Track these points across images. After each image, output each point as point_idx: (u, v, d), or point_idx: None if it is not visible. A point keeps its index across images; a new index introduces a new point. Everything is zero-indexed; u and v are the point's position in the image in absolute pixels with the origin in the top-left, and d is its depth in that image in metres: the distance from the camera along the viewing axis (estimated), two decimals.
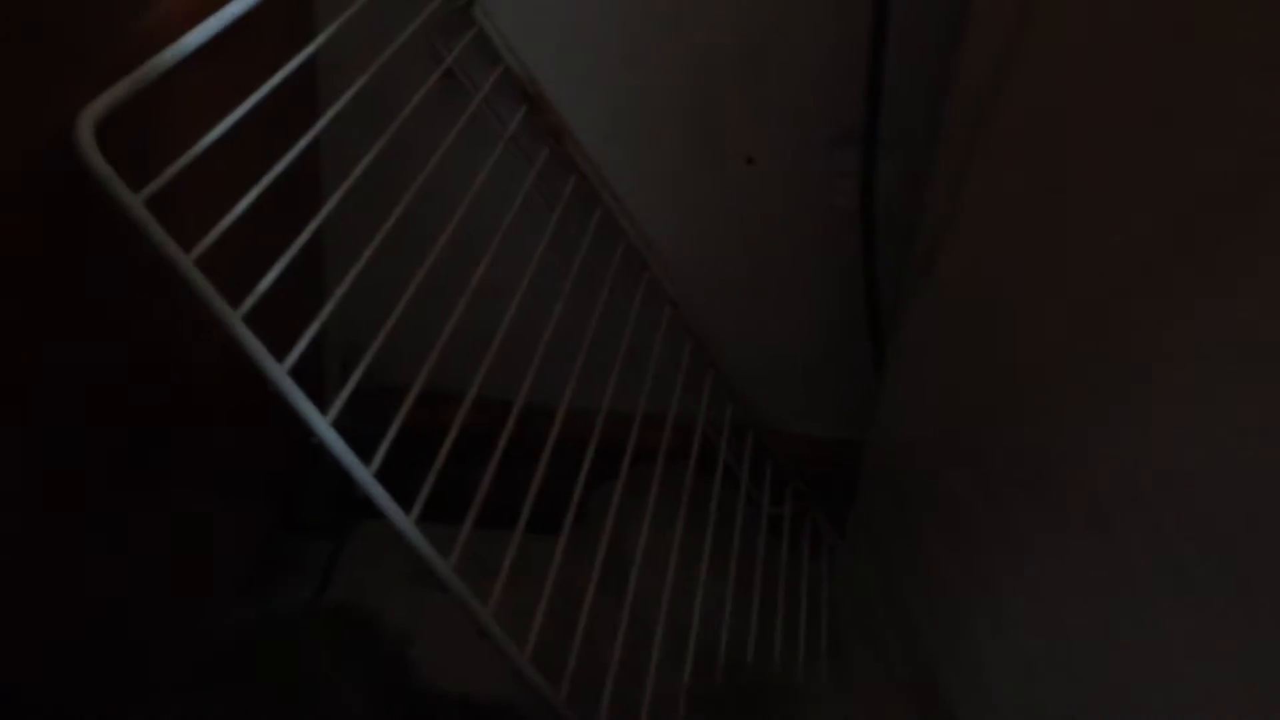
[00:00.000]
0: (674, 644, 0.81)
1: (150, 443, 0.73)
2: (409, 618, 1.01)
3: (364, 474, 0.63)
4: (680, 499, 0.91)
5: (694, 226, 1.02)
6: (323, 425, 0.62)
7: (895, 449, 0.96)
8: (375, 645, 0.60)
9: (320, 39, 0.74)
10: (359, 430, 0.64)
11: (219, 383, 0.79)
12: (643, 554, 0.86)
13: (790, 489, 1.07)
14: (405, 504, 0.65)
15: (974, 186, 0.82)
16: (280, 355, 0.61)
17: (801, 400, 1.10)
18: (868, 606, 0.97)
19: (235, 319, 0.60)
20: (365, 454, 0.64)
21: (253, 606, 0.95)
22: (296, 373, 0.62)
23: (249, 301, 0.61)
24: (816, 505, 1.09)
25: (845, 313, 1.03)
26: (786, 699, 0.56)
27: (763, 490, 1.04)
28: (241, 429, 0.85)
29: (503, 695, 0.82)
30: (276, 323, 0.61)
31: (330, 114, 0.72)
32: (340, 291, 0.68)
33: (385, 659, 0.59)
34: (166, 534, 0.77)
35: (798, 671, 0.91)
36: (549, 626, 0.70)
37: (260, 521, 0.99)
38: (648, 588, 0.93)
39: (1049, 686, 0.65)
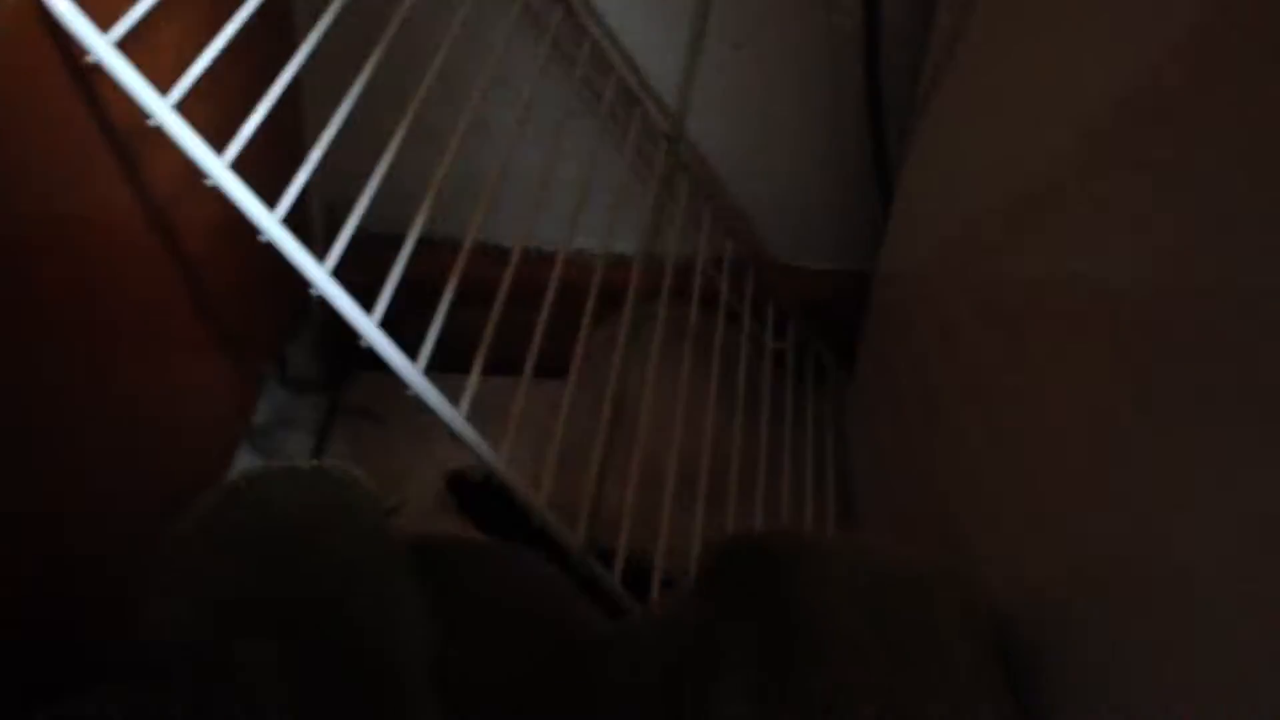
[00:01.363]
0: (685, 485, 0.81)
1: (152, 315, 0.71)
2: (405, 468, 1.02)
3: (366, 323, 0.61)
4: (683, 338, 0.90)
5: (689, 56, 0.98)
6: (321, 275, 0.60)
7: (902, 279, 0.95)
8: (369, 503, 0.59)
9: None
10: (351, 282, 0.62)
11: (209, 247, 0.77)
12: (649, 393, 0.86)
13: (792, 324, 1.06)
14: (408, 355, 0.63)
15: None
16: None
17: (804, 234, 1.08)
18: (875, 437, 0.97)
19: (221, 166, 0.57)
20: (361, 306, 0.62)
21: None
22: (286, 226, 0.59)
23: (233, 148, 0.58)
24: (820, 339, 1.08)
25: (849, 141, 1.00)
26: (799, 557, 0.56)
27: (765, 326, 1.03)
28: (233, 292, 0.83)
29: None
30: (259, 180, 0.59)
31: None
32: (328, 135, 0.65)
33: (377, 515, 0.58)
34: (171, 400, 0.75)
35: (806, 514, 0.91)
36: (560, 472, 0.69)
37: (258, 382, 0.98)
38: (655, 428, 0.93)
39: (1046, 496, 0.65)
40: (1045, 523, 0.65)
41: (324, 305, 0.61)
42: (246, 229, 0.58)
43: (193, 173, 0.71)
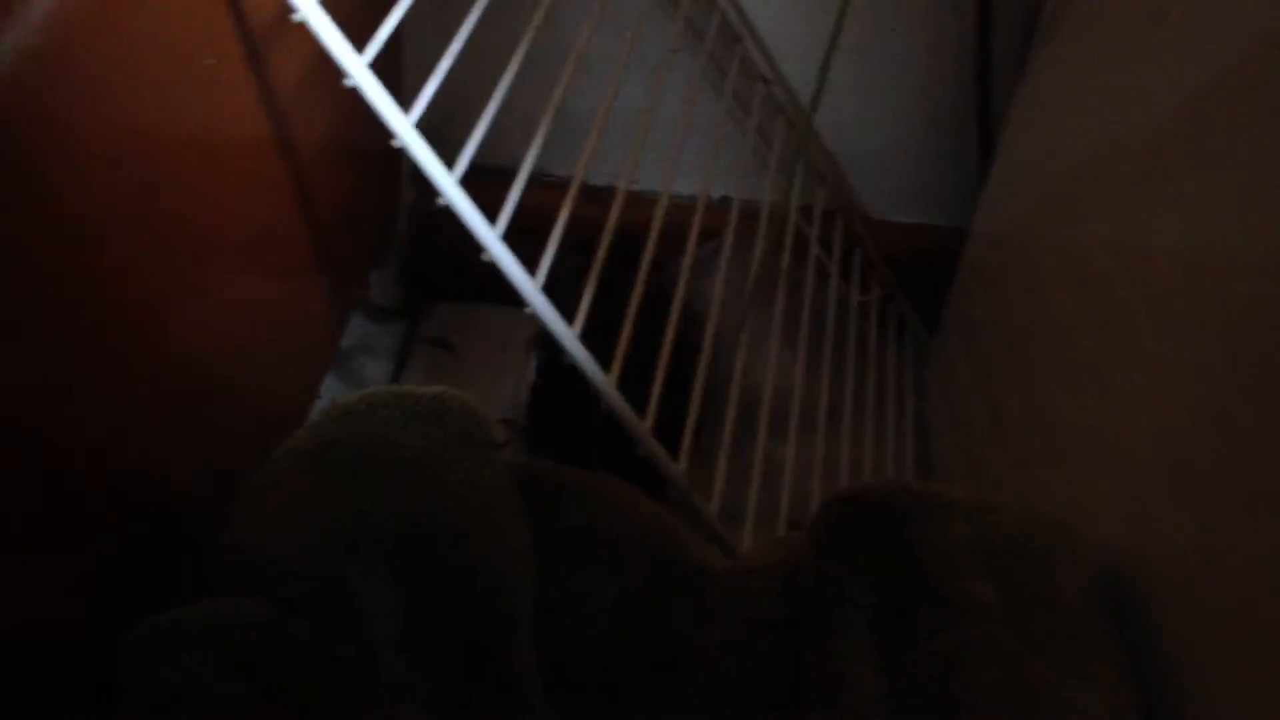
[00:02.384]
0: (775, 424, 0.81)
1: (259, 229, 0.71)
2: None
3: (490, 235, 0.61)
4: (775, 283, 0.89)
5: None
6: (450, 184, 0.60)
7: (996, 238, 0.94)
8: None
9: None
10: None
11: (314, 168, 0.77)
12: (743, 336, 0.86)
13: (878, 276, 1.05)
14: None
15: None
16: None
17: (896, 187, 1.07)
18: (956, 393, 0.97)
19: (361, 65, 0.57)
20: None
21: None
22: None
23: (372, 48, 0.58)
24: (904, 293, 1.07)
25: (949, 97, 0.99)
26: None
27: (852, 277, 1.02)
28: (331, 215, 0.83)
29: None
30: (360, 105, 0.58)
31: None
32: (455, 49, 0.64)
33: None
34: (271, 318, 0.76)
35: (887, 460, 0.91)
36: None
37: (342, 309, 0.98)
38: (748, 368, 0.93)
39: (1131, 461, 0.64)
40: (1129, 486, 0.64)
41: (413, 231, 0.61)
42: (358, 147, 0.58)
43: (310, 83, 0.72)
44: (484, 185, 0.63)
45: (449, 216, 0.61)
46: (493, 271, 0.62)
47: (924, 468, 0.94)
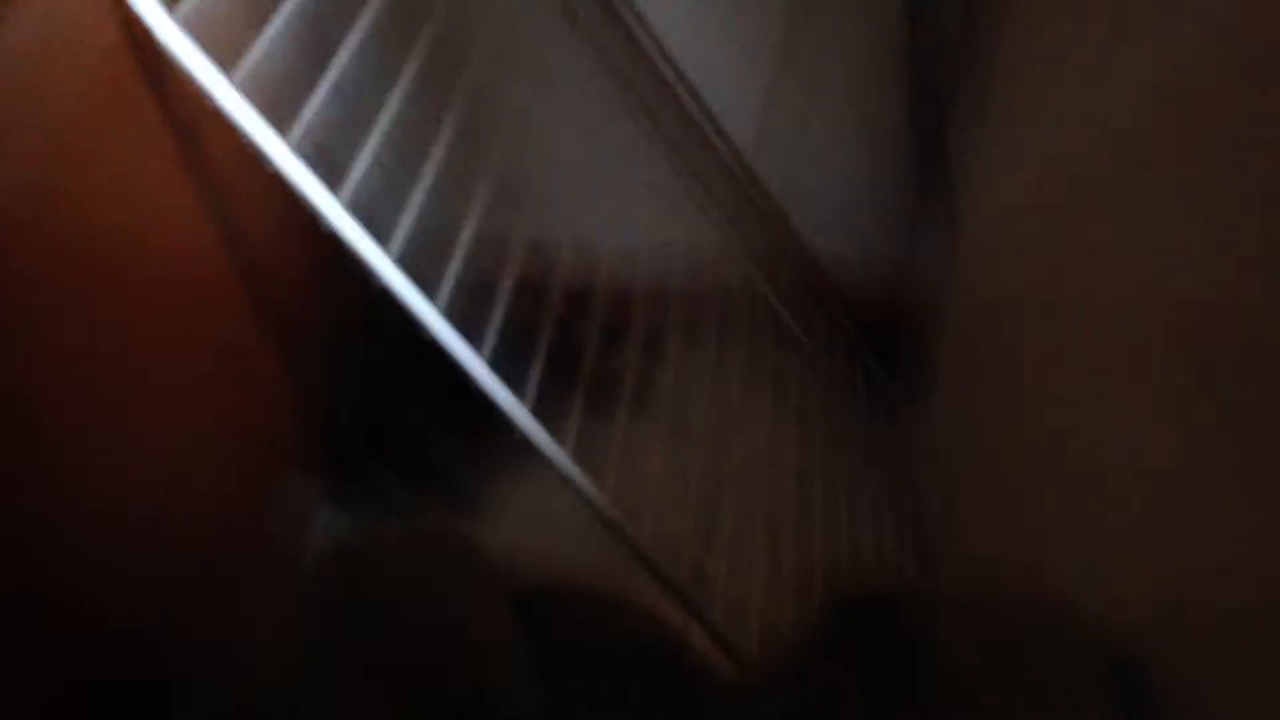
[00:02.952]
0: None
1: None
2: None
3: (475, 361, 0.59)
4: (732, 340, 0.87)
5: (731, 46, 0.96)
6: (433, 317, 0.58)
7: (969, 300, 0.92)
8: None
9: None
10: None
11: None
12: (701, 397, 0.84)
13: (838, 319, 1.04)
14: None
15: None
16: None
17: (841, 222, 1.06)
18: (944, 451, 0.95)
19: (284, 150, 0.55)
20: None
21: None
22: None
23: (297, 131, 0.56)
24: (862, 332, 1.06)
25: (890, 128, 0.98)
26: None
27: (808, 324, 1.01)
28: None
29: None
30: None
31: None
32: (384, 123, 0.62)
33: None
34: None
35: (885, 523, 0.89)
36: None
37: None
38: (711, 434, 0.91)
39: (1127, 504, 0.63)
40: (1111, 538, 0.63)
41: None
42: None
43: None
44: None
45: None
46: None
47: (920, 525, 0.93)
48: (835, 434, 0.92)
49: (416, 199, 0.62)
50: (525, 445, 0.63)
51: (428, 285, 0.59)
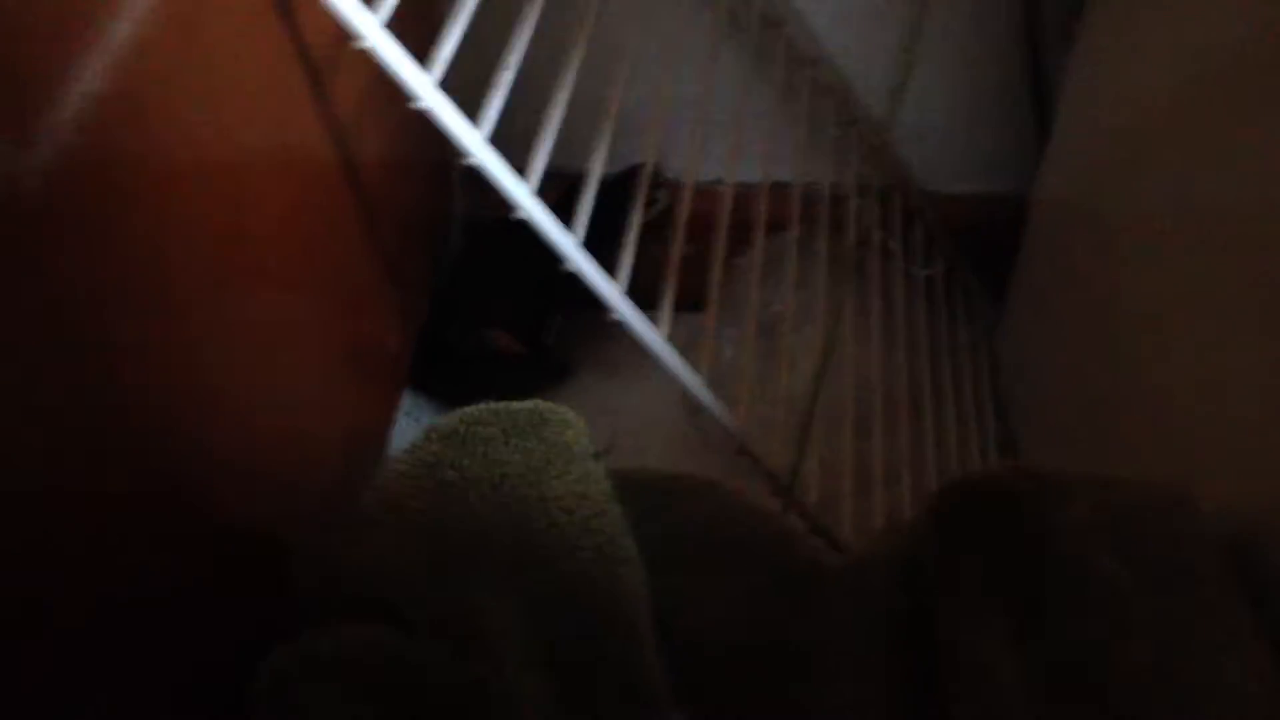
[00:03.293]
0: (860, 418, 0.80)
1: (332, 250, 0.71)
2: None
3: (570, 245, 0.60)
4: (829, 266, 0.88)
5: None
6: (525, 195, 0.59)
7: (1061, 200, 0.92)
8: None
9: None
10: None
11: (380, 184, 0.76)
12: (797, 321, 0.84)
13: (939, 250, 1.04)
14: None
15: None
16: None
17: (950, 157, 1.05)
18: (1032, 363, 0.95)
19: (430, 85, 0.56)
20: None
21: None
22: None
23: (437, 70, 0.57)
24: (968, 265, 1.06)
25: (1000, 58, 0.97)
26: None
27: (914, 252, 1.01)
28: (397, 231, 0.83)
29: None
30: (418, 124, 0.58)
31: None
32: (514, 57, 0.64)
33: None
34: (341, 346, 0.75)
35: (970, 440, 0.89)
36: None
37: (412, 324, 0.98)
38: (804, 354, 0.92)
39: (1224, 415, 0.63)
40: (1224, 442, 0.63)
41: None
42: (414, 160, 0.57)
43: (372, 104, 0.71)
44: (543, 187, 0.62)
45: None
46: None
47: (1009, 449, 0.93)
48: (929, 349, 0.92)
49: (548, 135, 0.63)
50: (618, 330, 0.63)
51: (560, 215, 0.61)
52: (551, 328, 1.01)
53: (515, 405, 0.57)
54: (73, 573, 0.43)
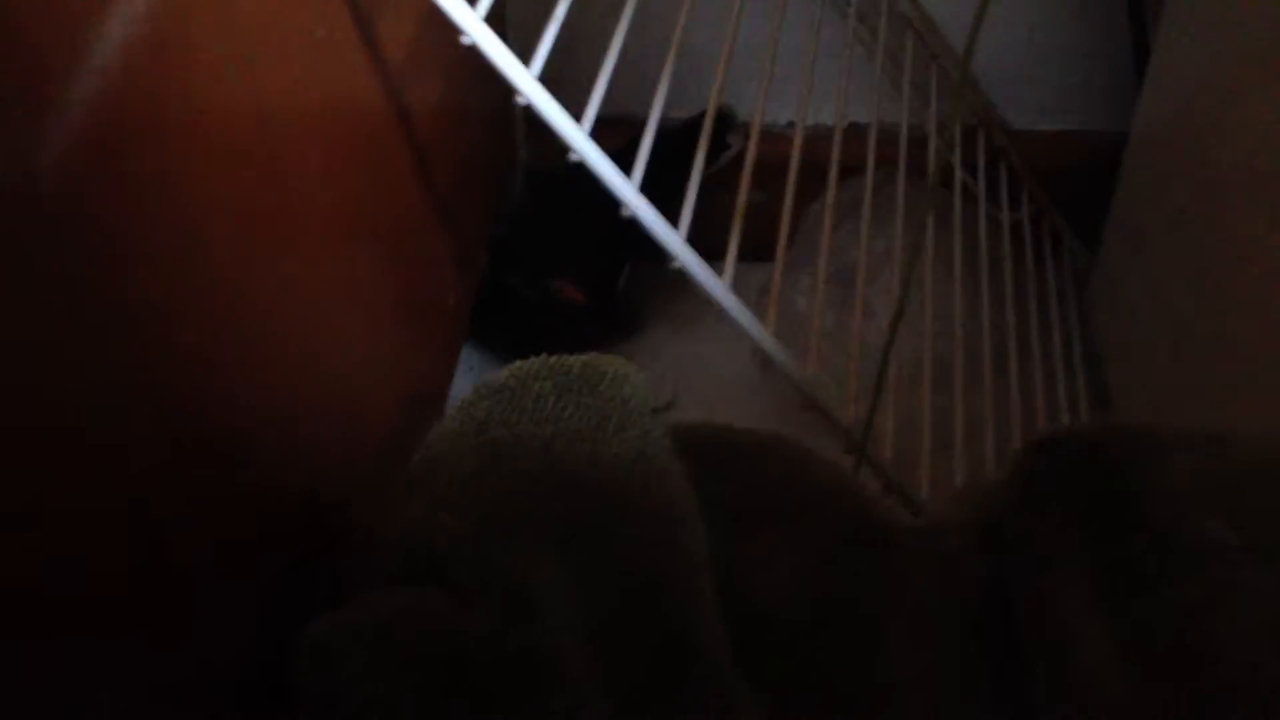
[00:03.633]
0: (939, 368, 0.75)
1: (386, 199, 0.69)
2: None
3: (629, 189, 0.57)
4: (907, 211, 0.83)
5: None
6: (579, 136, 0.56)
7: (1160, 140, 0.86)
8: None
9: None
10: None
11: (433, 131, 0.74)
12: (874, 269, 0.80)
13: (1027, 192, 0.98)
14: None
15: None
16: None
17: (1042, 92, 0.99)
18: (1126, 309, 0.90)
19: (476, 19, 0.53)
20: None
21: None
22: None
23: (485, 3, 0.54)
24: (1057, 208, 1.00)
25: None
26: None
27: (999, 195, 0.95)
28: (454, 180, 0.80)
29: None
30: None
31: None
32: (562, 8, 0.60)
33: None
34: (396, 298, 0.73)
35: (1059, 392, 0.85)
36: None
37: (470, 275, 0.96)
38: (881, 304, 0.87)
39: None
40: None
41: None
42: (471, 108, 0.54)
43: (420, 46, 0.69)
44: (604, 134, 0.59)
45: None
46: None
47: (1100, 402, 0.88)
48: (1015, 296, 0.87)
49: (604, 74, 0.60)
50: (681, 279, 0.60)
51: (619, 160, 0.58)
52: (619, 279, 0.98)
53: (569, 359, 0.54)
54: (117, 537, 0.41)
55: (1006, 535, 0.49)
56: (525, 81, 0.54)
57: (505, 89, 0.55)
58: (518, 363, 0.53)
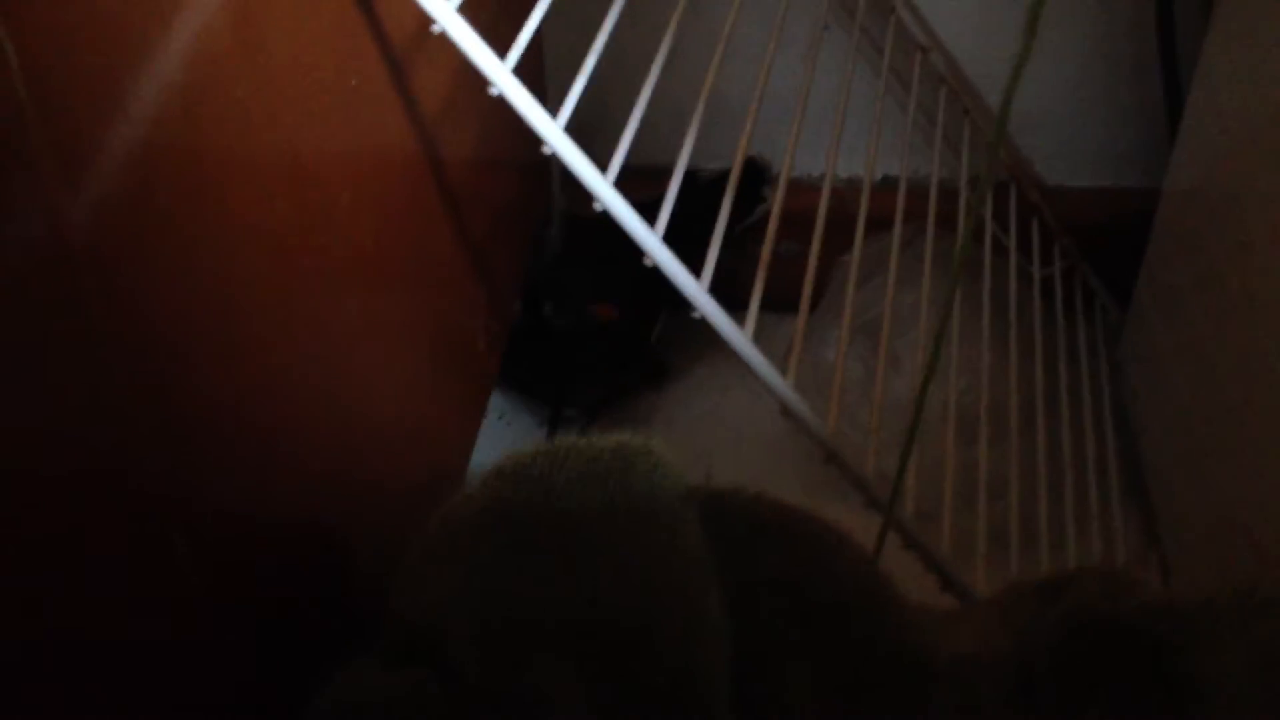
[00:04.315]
0: (962, 425, 0.75)
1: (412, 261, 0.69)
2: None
3: (651, 238, 0.57)
4: (936, 265, 0.83)
5: None
6: (604, 186, 0.57)
7: (1194, 195, 0.85)
8: None
9: None
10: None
11: (464, 180, 0.75)
12: (902, 323, 0.80)
13: (1058, 247, 0.98)
14: None
15: None
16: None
17: (1071, 149, 0.99)
18: (1158, 368, 0.89)
19: (505, 71, 0.54)
20: None
21: None
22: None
23: (514, 53, 0.55)
24: (1088, 263, 0.99)
25: (1125, 44, 0.91)
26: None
27: (1030, 250, 0.95)
28: (485, 228, 0.81)
29: None
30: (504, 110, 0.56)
31: None
32: (598, 47, 0.61)
33: None
34: (425, 347, 0.74)
35: (1088, 453, 0.83)
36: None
37: (501, 324, 0.96)
38: (909, 358, 0.87)
39: None
40: None
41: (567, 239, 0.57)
42: (506, 158, 0.55)
43: (455, 97, 0.70)
44: (638, 185, 0.59)
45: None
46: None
47: (1129, 462, 0.87)
48: (1044, 354, 0.86)
49: (632, 125, 0.60)
50: (704, 328, 0.60)
51: (644, 210, 0.58)
52: (655, 325, 0.99)
53: (600, 443, 0.52)
54: (141, 575, 0.42)
55: (1046, 696, 0.47)
56: (551, 131, 0.55)
57: (538, 139, 0.56)
58: (544, 445, 0.52)
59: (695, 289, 0.58)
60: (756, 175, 0.98)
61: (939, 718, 0.49)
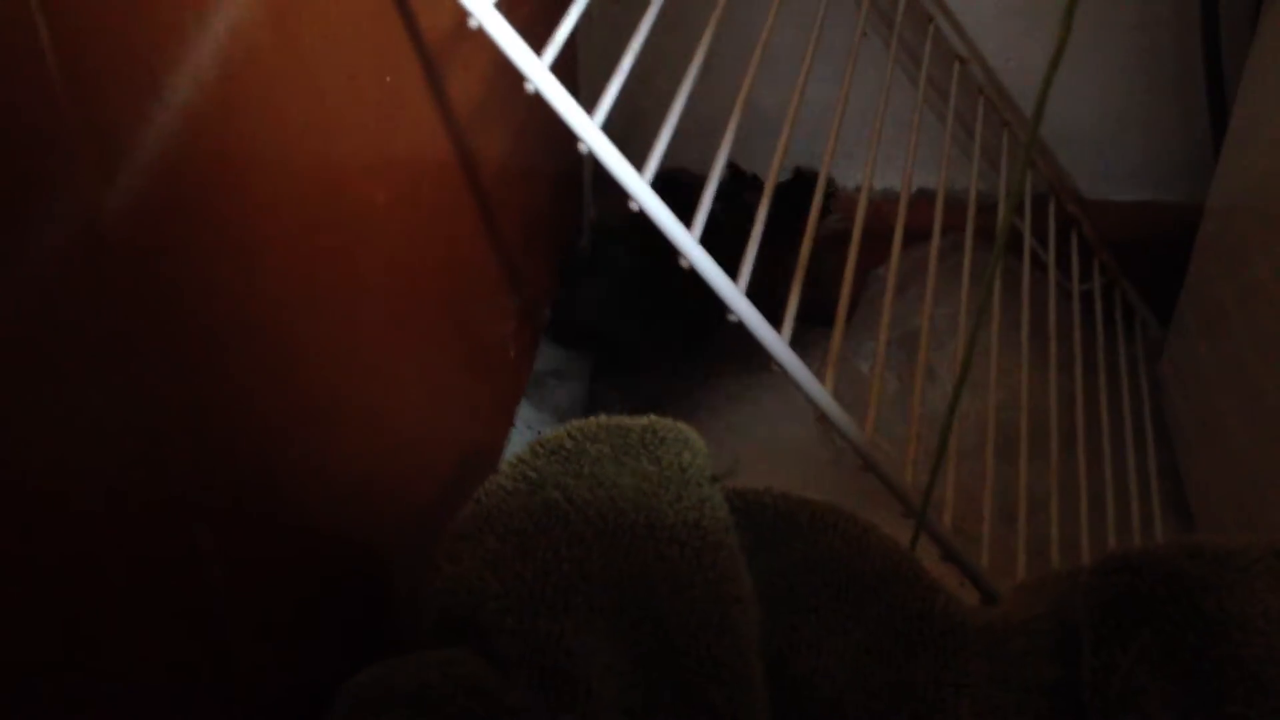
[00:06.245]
0: (1002, 439, 0.73)
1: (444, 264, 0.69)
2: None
3: (688, 240, 0.57)
4: (974, 278, 0.81)
5: None
6: (640, 185, 0.56)
7: (1237, 211, 0.84)
8: None
9: None
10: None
11: (496, 186, 0.74)
12: (939, 335, 0.79)
13: (1098, 262, 0.96)
14: None
15: None
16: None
17: (1112, 163, 0.98)
18: (1199, 382, 0.87)
19: (542, 68, 0.53)
20: None
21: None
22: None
23: (551, 50, 0.55)
24: (1127, 278, 0.98)
25: (1168, 57, 0.89)
26: None
27: (1070, 265, 0.93)
28: (517, 234, 0.80)
29: None
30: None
31: None
32: (634, 48, 0.61)
33: None
34: (456, 351, 0.73)
35: (1128, 466, 0.82)
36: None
37: (532, 331, 0.95)
38: (946, 370, 0.86)
39: None
40: None
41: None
42: (539, 162, 0.54)
43: (490, 99, 0.69)
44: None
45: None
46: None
47: (1171, 479, 0.85)
48: (1084, 368, 0.85)
49: (669, 125, 0.60)
50: (740, 333, 0.59)
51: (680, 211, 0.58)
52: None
53: (629, 421, 0.52)
54: (173, 583, 0.41)
55: (1085, 665, 0.46)
56: (587, 128, 0.54)
57: (572, 146, 0.55)
58: (576, 422, 0.52)
59: (733, 292, 0.57)
60: (806, 187, 0.97)
61: (980, 676, 0.48)
